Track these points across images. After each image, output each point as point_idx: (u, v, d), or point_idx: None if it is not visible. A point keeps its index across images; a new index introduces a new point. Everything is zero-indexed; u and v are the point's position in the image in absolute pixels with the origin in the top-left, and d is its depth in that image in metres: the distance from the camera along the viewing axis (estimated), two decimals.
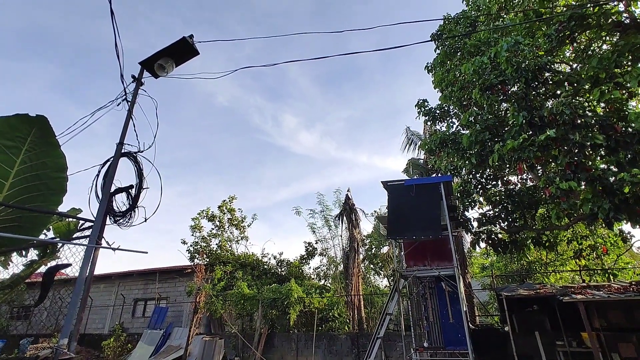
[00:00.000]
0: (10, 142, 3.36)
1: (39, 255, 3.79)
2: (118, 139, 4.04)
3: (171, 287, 17.43)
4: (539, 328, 9.73)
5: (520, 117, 6.13)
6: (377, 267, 25.59)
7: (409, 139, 15.25)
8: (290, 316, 12.80)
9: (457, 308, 9.01)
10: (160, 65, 4.25)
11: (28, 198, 3.70)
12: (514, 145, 5.47)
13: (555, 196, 5.30)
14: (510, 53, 6.20)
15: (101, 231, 3.67)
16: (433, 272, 8.47)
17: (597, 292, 7.99)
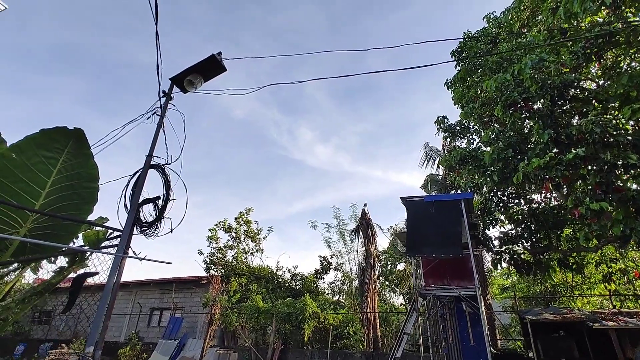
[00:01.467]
0: (49, 154, 3.53)
1: (68, 262, 3.91)
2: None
3: (187, 298, 17.54)
4: (566, 355, 9.24)
5: (545, 135, 6.01)
6: (393, 284, 25.10)
7: (428, 154, 15.12)
8: (304, 332, 12.62)
9: (478, 330, 8.69)
10: (190, 81, 4.40)
11: (61, 207, 3.85)
12: (539, 163, 5.34)
13: (585, 217, 5.12)
14: (534, 70, 6.12)
15: (129, 241, 3.77)
16: (453, 292, 8.24)
17: (630, 320, 7.57)
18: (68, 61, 66.06)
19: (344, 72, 78.61)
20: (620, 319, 7.69)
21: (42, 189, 3.59)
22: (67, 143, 3.61)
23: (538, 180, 5.67)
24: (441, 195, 11.77)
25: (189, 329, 16.39)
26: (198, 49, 63.23)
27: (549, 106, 6.03)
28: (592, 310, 8.81)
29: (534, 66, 6.08)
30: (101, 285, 3.90)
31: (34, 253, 3.89)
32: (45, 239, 3.88)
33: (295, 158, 64.78)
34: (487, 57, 8.68)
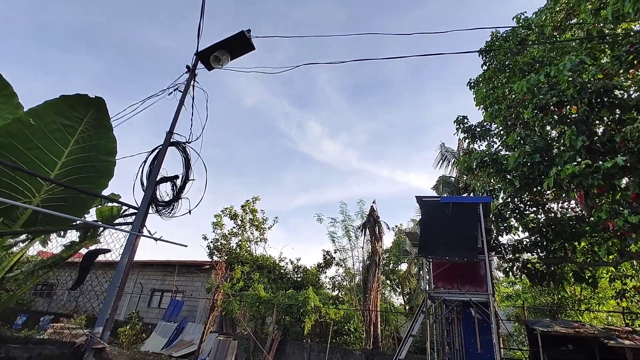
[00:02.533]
0: (68, 121, 3.35)
1: (80, 237, 3.76)
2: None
3: (188, 281, 17.54)
4: None
5: (579, 141, 5.72)
6: (394, 283, 24.96)
7: (443, 155, 14.81)
8: (305, 325, 12.52)
9: (487, 338, 8.48)
10: (217, 57, 4.19)
11: (76, 179, 3.68)
12: (574, 170, 5.07)
13: (621, 230, 4.87)
14: (572, 73, 5.82)
15: (144, 219, 3.60)
16: (464, 297, 8.02)
17: None
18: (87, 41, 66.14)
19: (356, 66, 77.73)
20: (636, 338, 7.43)
21: (58, 159, 3.42)
22: (86, 112, 3.43)
23: (571, 188, 5.41)
24: (458, 197, 11.50)
25: (188, 312, 16.40)
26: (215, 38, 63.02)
27: (586, 111, 5.74)
28: (605, 327, 8.55)
29: (572, 68, 5.78)
30: (110, 262, 3.75)
31: (45, 225, 3.74)
32: (58, 210, 3.71)
33: (303, 151, 64.54)
34: (517, 58, 8.34)
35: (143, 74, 74.83)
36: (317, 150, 61.63)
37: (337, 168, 62.47)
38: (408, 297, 23.45)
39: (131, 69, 75.54)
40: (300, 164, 62.98)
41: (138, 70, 76.94)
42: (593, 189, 5.11)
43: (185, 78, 4.53)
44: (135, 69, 76.46)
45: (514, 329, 14.74)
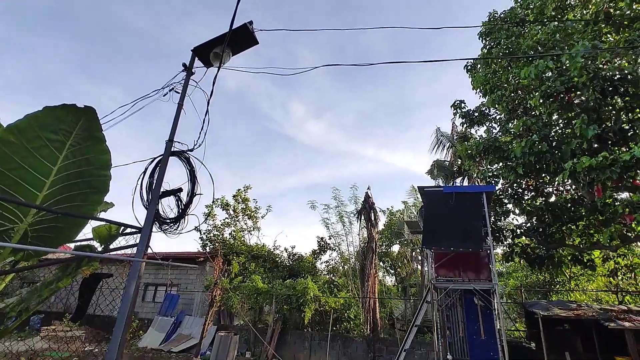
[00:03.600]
0: (55, 136, 2.93)
1: (75, 262, 3.41)
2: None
3: (182, 275, 17.25)
4: (570, 349, 9.30)
5: (590, 131, 5.57)
6: (387, 265, 25.30)
7: (439, 139, 14.66)
8: (305, 314, 12.50)
9: (489, 323, 8.58)
10: (217, 53, 3.76)
11: (68, 197, 3.29)
12: (591, 163, 4.94)
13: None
14: (585, 59, 5.61)
15: (148, 240, 3.27)
16: (468, 285, 8.02)
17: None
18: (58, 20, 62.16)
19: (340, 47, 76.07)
20: (633, 319, 7.62)
21: (46, 178, 3.02)
22: (75, 124, 3.00)
23: (587, 181, 5.31)
24: (462, 186, 11.42)
25: (185, 305, 16.20)
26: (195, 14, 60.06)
27: (599, 100, 5.57)
28: (603, 308, 8.77)
29: (585, 54, 5.56)
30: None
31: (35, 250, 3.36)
32: (50, 233, 3.35)
33: (288, 133, 63.66)
34: (520, 41, 8.06)
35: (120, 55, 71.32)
36: (303, 131, 60.87)
37: (323, 149, 62.09)
38: (400, 278, 23.82)
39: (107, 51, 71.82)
40: (286, 146, 62.24)
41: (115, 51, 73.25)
42: (609, 182, 5.02)
43: (181, 78, 4.10)
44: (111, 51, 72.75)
45: (508, 307, 15.14)
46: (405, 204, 24.06)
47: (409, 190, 23.71)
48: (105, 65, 71.39)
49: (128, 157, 45.96)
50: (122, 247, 3.22)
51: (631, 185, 5.51)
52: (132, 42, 67.88)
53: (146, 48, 67.43)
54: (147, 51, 69.47)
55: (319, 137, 59.19)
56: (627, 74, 5.45)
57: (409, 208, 23.49)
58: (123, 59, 70.11)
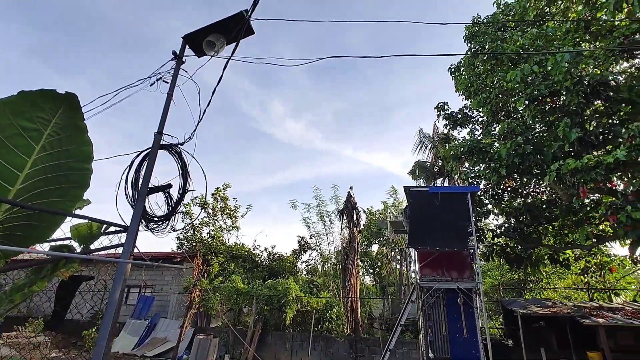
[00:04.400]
0: (31, 124, 2.64)
1: (51, 264, 3.10)
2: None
3: (157, 276, 16.60)
4: (545, 345, 9.63)
5: (573, 134, 5.75)
6: (367, 265, 25.45)
7: (421, 140, 14.85)
8: (286, 315, 12.31)
9: (472, 322, 8.73)
10: (210, 42, 3.55)
11: (43, 192, 2.98)
12: (577, 165, 5.09)
13: (624, 224, 5.00)
14: (570, 64, 5.78)
15: (135, 240, 3.02)
16: (452, 284, 8.12)
17: (614, 316, 7.87)
18: (17, 6, 58.45)
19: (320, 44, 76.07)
20: (606, 315, 7.97)
21: (20, 171, 2.71)
22: (54, 112, 2.72)
23: (573, 183, 5.47)
24: (447, 187, 11.58)
25: (160, 308, 15.58)
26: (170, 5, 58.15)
27: (582, 104, 5.76)
28: (577, 305, 9.13)
29: (570, 60, 5.73)
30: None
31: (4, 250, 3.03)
32: (22, 231, 3.04)
33: (266, 131, 63.03)
34: (504, 45, 8.25)
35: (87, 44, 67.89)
36: (282, 130, 60.41)
37: (303, 147, 61.92)
38: (379, 277, 24.01)
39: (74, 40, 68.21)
40: (265, 144, 61.55)
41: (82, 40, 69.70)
42: (591, 184, 5.19)
43: (170, 67, 3.85)
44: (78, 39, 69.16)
45: (485, 305, 15.55)
46: (385, 204, 24.33)
47: (389, 190, 23.98)
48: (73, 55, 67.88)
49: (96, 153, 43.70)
50: (106, 247, 2.95)
51: (610, 187, 5.75)
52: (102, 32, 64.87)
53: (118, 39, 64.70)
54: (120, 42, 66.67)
55: (298, 135, 58.92)
56: (608, 80, 5.67)
57: (388, 208, 23.77)
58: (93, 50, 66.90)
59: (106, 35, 62.92)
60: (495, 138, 8.53)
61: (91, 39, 67.20)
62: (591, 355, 8.96)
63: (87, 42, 67.92)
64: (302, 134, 58.44)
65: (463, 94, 10.54)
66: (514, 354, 9.91)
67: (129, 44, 62.95)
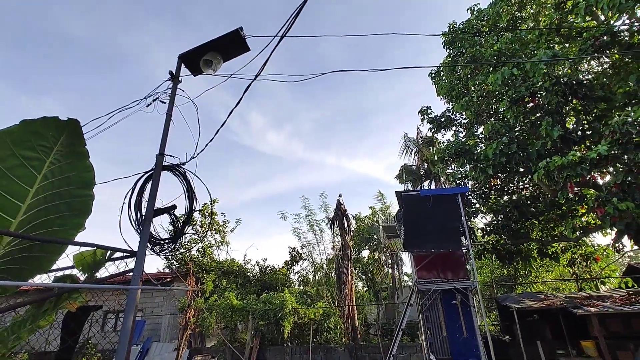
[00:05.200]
0: (33, 153, 2.58)
1: (56, 295, 2.99)
2: None
3: (147, 298, 16.08)
4: (541, 337, 9.86)
5: (555, 132, 6.02)
6: (359, 271, 25.46)
7: (407, 145, 15.14)
8: (284, 328, 12.15)
9: (468, 320, 8.86)
10: (207, 61, 3.56)
11: (45, 221, 2.90)
12: (563, 162, 5.32)
13: (611, 215, 5.24)
14: (547, 66, 6.08)
15: (143, 264, 2.96)
16: (449, 285, 8.25)
17: (606, 304, 8.16)
18: None
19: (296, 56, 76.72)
20: (596, 304, 8.25)
21: (22, 202, 2.63)
22: (57, 139, 2.67)
23: (561, 179, 5.70)
24: (438, 189, 11.80)
25: (151, 331, 15.09)
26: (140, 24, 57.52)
27: (560, 103, 6.05)
28: (567, 296, 9.42)
29: (547, 62, 6.03)
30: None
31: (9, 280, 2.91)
32: (23, 264, 2.94)
33: (246, 144, 62.67)
34: (482, 50, 8.59)
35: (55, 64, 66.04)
36: (262, 141, 60.18)
37: (284, 158, 61.82)
38: (372, 282, 24.04)
39: (40, 59, 66.18)
40: (245, 157, 61.11)
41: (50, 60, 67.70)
42: (577, 179, 5.44)
43: (164, 87, 3.84)
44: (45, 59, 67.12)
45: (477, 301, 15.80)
46: (373, 209, 24.51)
47: (376, 195, 24.17)
48: (38, 74, 65.80)
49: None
50: (114, 275, 2.88)
51: (594, 182, 6.02)
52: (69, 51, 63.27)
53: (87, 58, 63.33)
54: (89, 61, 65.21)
55: (279, 146, 58.88)
56: (582, 80, 6.00)
57: (376, 213, 23.95)
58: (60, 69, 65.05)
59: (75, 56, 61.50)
60: (479, 139, 8.80)
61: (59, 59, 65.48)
62: (585, 344, 9.23)
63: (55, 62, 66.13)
64: (284, 145, 58.46)
65: (444, 97, 10.86)
66: (511, 348, 10.09)
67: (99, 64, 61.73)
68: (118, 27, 58.45)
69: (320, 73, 3.55)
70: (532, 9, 8.97)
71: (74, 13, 50.02)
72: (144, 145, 68.06)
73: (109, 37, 60.83)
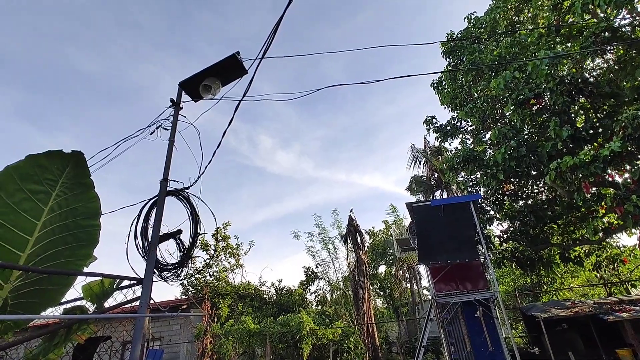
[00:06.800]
0: (39, 187, 2.64)
1: (65, 329, 2.99)
2: None
3: (165, 326, 15.98)
4: (572, 348, 9.35)
5: (564, 131, 5.89)
6: (376, 287, 24.92)
7: (415, 156, 15.04)
8: (303, 351, 11.85)
9: (492, 333, 8.48)
10: (206, 86, 3.64)
11: (53, 254, 2.93)
12: (574, 162, 5.18)
13: (632, 214, 5.02)
14: (550, 66, 6.02)
15: (150, 292, 2.94)
16: (469, 297, 7.96)
17: (637, 308, 7.72)
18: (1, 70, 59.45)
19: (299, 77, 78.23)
20: (628, 309, 7.82)
21: (30, 235, 2.67)
22: (62, 171, 2.74)
23: (574, 179, 5.53)
24: (449, 198, 11.61)
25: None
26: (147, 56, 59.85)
27: (567, 102, 5.94)
28: (596, 302, 8.96)
29: (549, 62, 5.97)
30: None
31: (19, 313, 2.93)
32: (33, 297, 2.95)
33: (257, 165, 63.20)
34: (482, 57, 8.59)
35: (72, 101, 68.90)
36: (272, 162, 60.62)
37: (294, 177, 61.98)
38: (390, 298, 23.44)
39: (56, 98, 69.13)
40: (256, 179, 61.49)
41: (66, 98, 70.70)
42: (592, 178, 5.26)
43: (167, 114, 3.92)
44: (61, 97, 70.10)
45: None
46: (386, 223, 24.18)
47: (389, 208, 23.90)
48: (52, 111, 68.53)
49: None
50: (121, 303, 2.87)
51: (610, 180, 5.82)
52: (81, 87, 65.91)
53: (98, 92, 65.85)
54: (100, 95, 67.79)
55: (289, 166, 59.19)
56: (588, 77, 5.90)
57: (390, 227, 23.60)
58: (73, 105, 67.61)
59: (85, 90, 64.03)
60: (487, 145, 8.68)
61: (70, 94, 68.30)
62: (621, 353, 8.70)
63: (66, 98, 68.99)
64: (293, 165, 58.75)
65: (449, 106, 10.82)
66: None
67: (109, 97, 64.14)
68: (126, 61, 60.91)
69: (316, 89, 3.59)
70: (530, 13, 8.98)
71: (85, 51, 52.55)
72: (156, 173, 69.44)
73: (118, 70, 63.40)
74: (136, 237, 3.26)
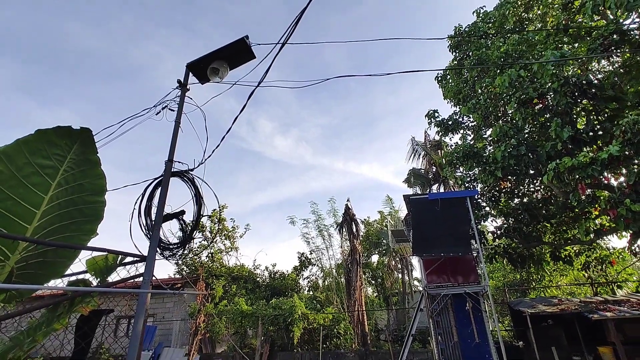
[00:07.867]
0: (47, 162, 2.67)
1: (68, 300, 3.07)
2: None
3: (158, 304, 16.24)
4: (556, 343, 9.63)
5: (564, 132, 5.94)
6: (368, 276, 25.30)
7: (414, 149, 15.08)
8: (294, 334, 12.13)
9: (480, 325, 8.72)
10: (214, 69, 3.64)
11: (59, 227, 2.99)
12: (573, 163, 5.25)
13: (624, 217, 5.13)
14: (555, 67, 6.03)
15: (152, 269, 3.02)
16: (459, 289, 8.15)
17: (623, 309, 7.95)
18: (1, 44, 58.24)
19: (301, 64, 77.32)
20: (612, 308, 8.04)
21: (37, 208, 2.72)
22: (70, 148, 2.77)
23: (572, 180, 5.62)
24: (446, 193, 11.71)
25: (162, 337, 15.21)
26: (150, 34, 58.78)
27: (570, 103, 5.98)
28: (582, 300, 9.20)
29: (555, 63, 5.98)
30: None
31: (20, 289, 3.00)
32: (37, 269, 3.03)
33: (255, 150, 63.02)
34: (488, 52, 8.55)
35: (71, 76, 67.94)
36: (270, 147, 60.42)
37: (292, 164, 61.95)
38: (382, 287, 23.84)
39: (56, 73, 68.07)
40: (254, 163, 61.45)
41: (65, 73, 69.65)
42: (588, 180, 5.35)
43: (173, 95, 3.93)
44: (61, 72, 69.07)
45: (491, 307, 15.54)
46: (382, 214, 24.39)
47: (385, 199, 24.06)
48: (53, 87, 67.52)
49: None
50: (125, 278, 2.95)
51: (606, 183, 5.92)
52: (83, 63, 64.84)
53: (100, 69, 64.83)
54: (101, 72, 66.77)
55: (287, 152, 59.06)
56: (592, 80, 5.92)
57: (385, 218, 23.82)
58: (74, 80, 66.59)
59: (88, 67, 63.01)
60: (488, 142, 8.73)
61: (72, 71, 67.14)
62: (602, 350, 8.99)
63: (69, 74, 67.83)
64: (291, 150, 58.60)
65: (451, 100, 10.81)
66: (525, 355, 9.89)
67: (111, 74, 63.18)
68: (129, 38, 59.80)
69: (324, 79, 3.60)
70: (539, 10, 8.91)
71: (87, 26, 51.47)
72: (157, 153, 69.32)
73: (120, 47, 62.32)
74: (140, 215, 3.32)
